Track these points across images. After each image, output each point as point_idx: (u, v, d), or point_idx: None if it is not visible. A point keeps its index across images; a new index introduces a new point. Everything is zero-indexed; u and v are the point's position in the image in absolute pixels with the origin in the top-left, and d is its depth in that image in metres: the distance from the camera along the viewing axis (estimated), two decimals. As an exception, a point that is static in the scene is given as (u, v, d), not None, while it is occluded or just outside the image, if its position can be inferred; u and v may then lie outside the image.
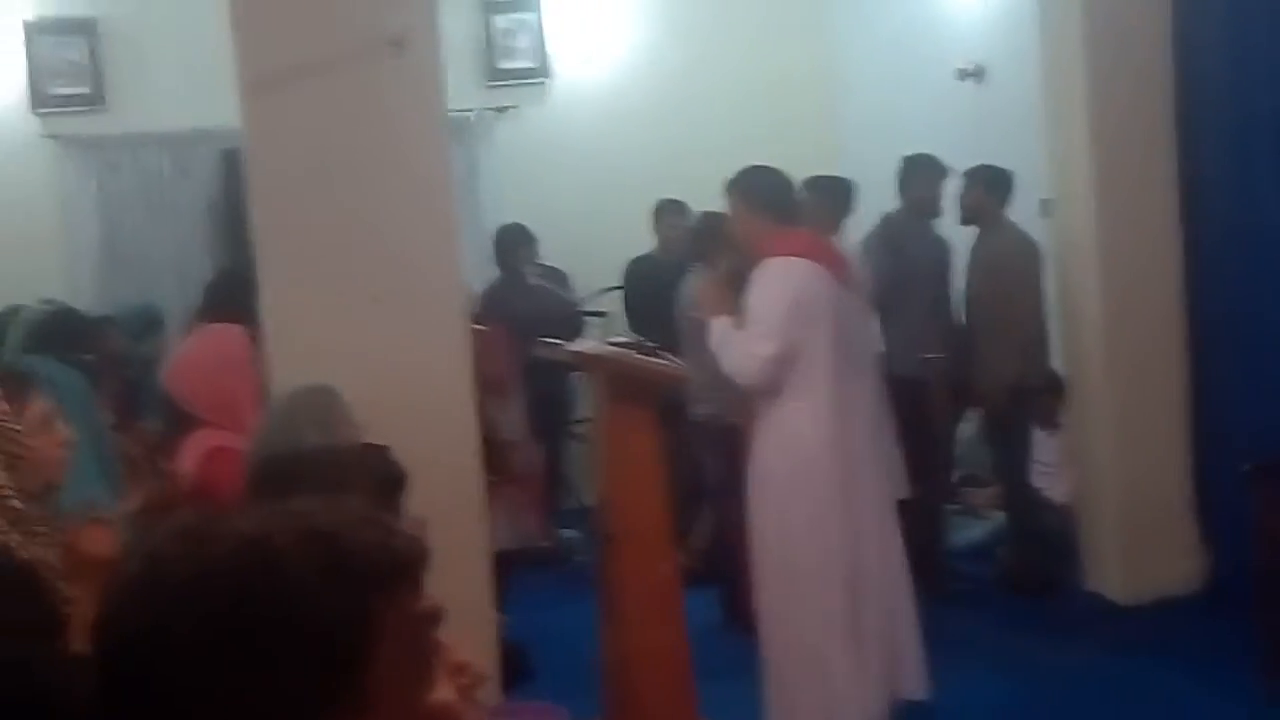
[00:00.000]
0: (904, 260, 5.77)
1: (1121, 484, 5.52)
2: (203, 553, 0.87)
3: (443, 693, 0.92)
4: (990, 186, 5.81)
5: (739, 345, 4.11)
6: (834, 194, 5.65)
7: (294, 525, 0.88)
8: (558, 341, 4.59)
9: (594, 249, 7.45)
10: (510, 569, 5.01)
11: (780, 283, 4.10)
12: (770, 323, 4.05)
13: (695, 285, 5.36)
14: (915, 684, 4.30)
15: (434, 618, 0.92)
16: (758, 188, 4.30)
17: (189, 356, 3.72)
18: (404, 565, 0.90)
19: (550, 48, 8.20)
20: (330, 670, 0.85)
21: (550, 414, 7.18)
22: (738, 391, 4.35)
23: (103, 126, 7.69)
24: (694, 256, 6.01)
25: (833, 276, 4.22)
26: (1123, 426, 5.51)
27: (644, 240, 7.25)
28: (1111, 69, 5.43)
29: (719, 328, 4.22)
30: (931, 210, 5.96)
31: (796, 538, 4.10)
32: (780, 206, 4.28)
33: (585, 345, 4.55)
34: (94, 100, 7.67)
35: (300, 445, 2.63)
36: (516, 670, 4.53)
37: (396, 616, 0.88)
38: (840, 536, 4.10)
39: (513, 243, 7.14)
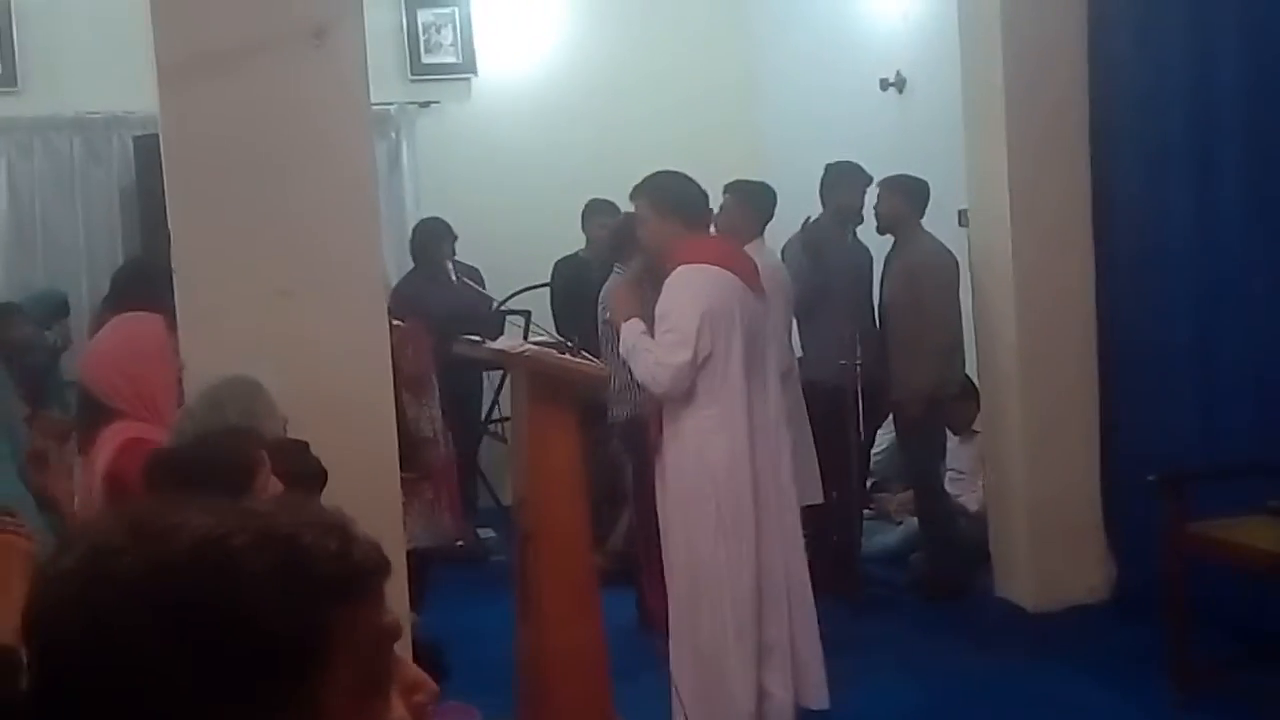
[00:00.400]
0: (824, 267, 5.81)
1: (1032, 493, 5.60)
2: (154, 548, 0.82)
3: (396, 712, 0.89)
4: (906, 196, 5.87)
5: (651, 353, 4.09)
6: (755, 198, 5.67)
7: (253, 526, 0.83)
8: (478, 339, 4.56)
9: (514, 247, 7.42)
10: (426, 568, 4.97)
11: (691, 290, 4.09)
12: (683, 330, 4.02)
13: (609, 288, 5.36)
14: (817, 694, 4.31)
15: (392, 633, 0.88)
16: (666, 192, 4.29)
17: (105, 346, 3.63)
18: (363, 576, 0.86)
19: (475, 44, 8.15)
20: (281, 679, 0.81)
21: (467, 412, 7.14)
22: (650, 396, 4.34)
23: (14, 109, 7.52)
24: (614, 257, 6.01)
25: (743, 283, 4.21)
26: (1034, 436, 5.59)
27: (564, 239, 7.22)
28: (1029, 83, 5.51)
29: (630, 333, 4.20)
30: (854, 218, 6.00)
31: (702, 545, 4.08)
32: (689, 212, 4.26)
33: (507, 344, 4.52)
34: (5, 82, 7.51)
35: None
36: (431, 670, 4.47)
37: (353, 628, 0.84)
38: (745, 545, 4.09)
39: (433, 238, 7.07)
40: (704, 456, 4.07)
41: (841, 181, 6.00)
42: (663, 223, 4.26)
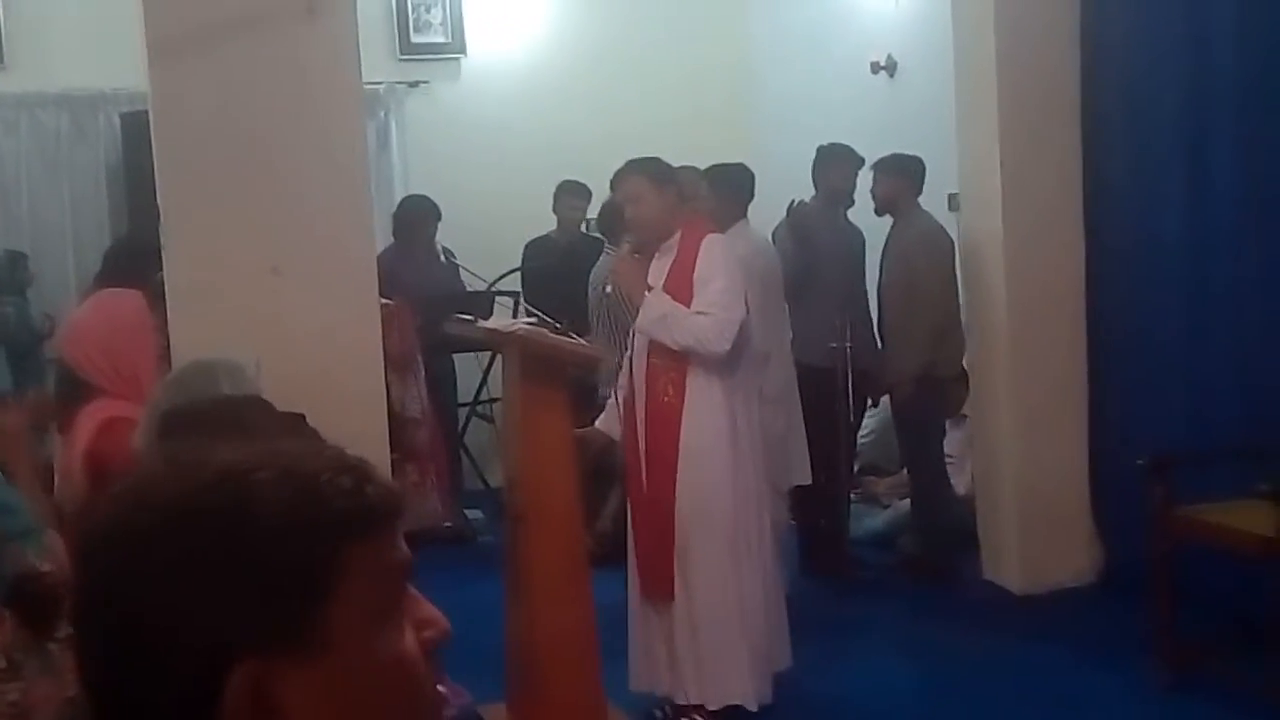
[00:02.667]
0: (813, 249, 5.79)
1: (1021, 476, 5.60)
2: (187, 475, 0.90)
3: (407, 644, 0.93)
4: (902, 175, 5.86)
5: (700, 316, 4.13)
6: (732, 182, 5.64)
7: (276, 462, 0.91)
8: (470, 318, 4.55)
9: (502, 228, 7.39)
10: (413, 549, 4.96)
11: (729, 255, 4.26)
12: (735, 290, 4.17)
13: (609, 265, 5.36)
14: (783, 654, 4.45)
15: (403, 568, 0.93)
16: (660, 167, 4.37)
17: (85, 323, 3.59)
18: (375, 515, 0.92)
19: (465, 24, 8.11)
20: (292, 602, 0.87)
21: (443, 393, 7.12)
22: (660, 365, 4.35)
23: (0, 85, 7.46)
24: (603, 236, 6.02)
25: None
26: (1023, 420, 5.59)
27: (553, 220, 7.21)
28: (1021, 67, 5.50)
29: (658, 303, 4.19)
30: (845, 199, 5.99)
31: (727, 493, 4.18)
32: (682, 185, 4.39)
33: (498, 323, 4.50)
34: (-9, 58, 7.45)
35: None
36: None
37: (363, 563, 0.90)
38: (750, 498, 4.25)
39: (419, 216, 7.00)
40: (729, 410, 4.20)
41: (833, 163, 5.99)
42: (661, 196, 4.30)
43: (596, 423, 4.54)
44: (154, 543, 0.88)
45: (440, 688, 0.98)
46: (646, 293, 4.23)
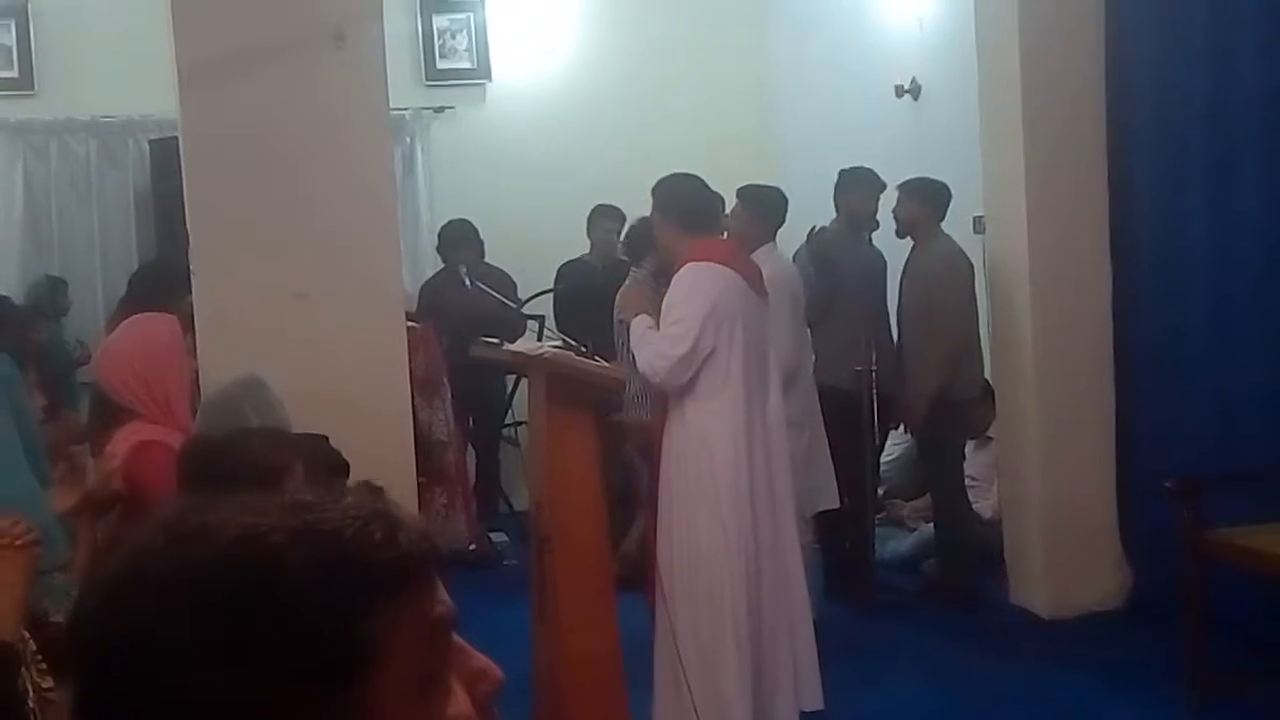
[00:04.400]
0: (835, 273, 5.80)
1: (1048, 499, 5.58)
2: (192, 548, 0.79)
3: (459, 705, 0.83)
4: (925, 199, 5.86)
5: (653, 345, 4.13)
6: (765, 204, 5.65)
7: (293, 521, 0.80)
8: (496, 341, 4.56)
9: (528, 252, 7.42)
10: (439, 573, 4.96)
11: (699, 286, 4.14)
12: (687, 323, 4.07)
13: (622, 290, 5.41)
14: (811, 696, 4.29)
15: (447, 622, 0.83)
16: (670, 197, 4.35)
17: (119, 347, 3.63)
18: (412, 565, 0.81)
19: (490, 49, 8.16)
20: (330, 682, 0.77)
21: (481, 415, 7.15)
22: (657, 394, 4.36)
23: (31, 112, 7.57)
24: (628, 259, 6.05)
25: (746, 284, 4.25)
26: (1050, 443, 5.57)
27: (578, 244, 7.25)
28: (1046, 89, 5.50)
29: (638, 327, 4.24)
30: (867, 223, 5.99)
31: (701, 535, 4.07)
32: (691, 215, 4.32)
33: (525, 346, 4.52)
34: (23, 85, 7.55)
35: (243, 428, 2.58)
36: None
37: (403, 622, 0.79)
38: (743, 539, 4.09)
39: (450, 240, 7.12)
40: (708, 446, 4.08)
41: (855, 187, 5.99)
42: (665, 225, 4.34)
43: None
44: (165, 627, 0.76)
45: None
46: (639, 317, 4.25)
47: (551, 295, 7.16)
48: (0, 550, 2.32)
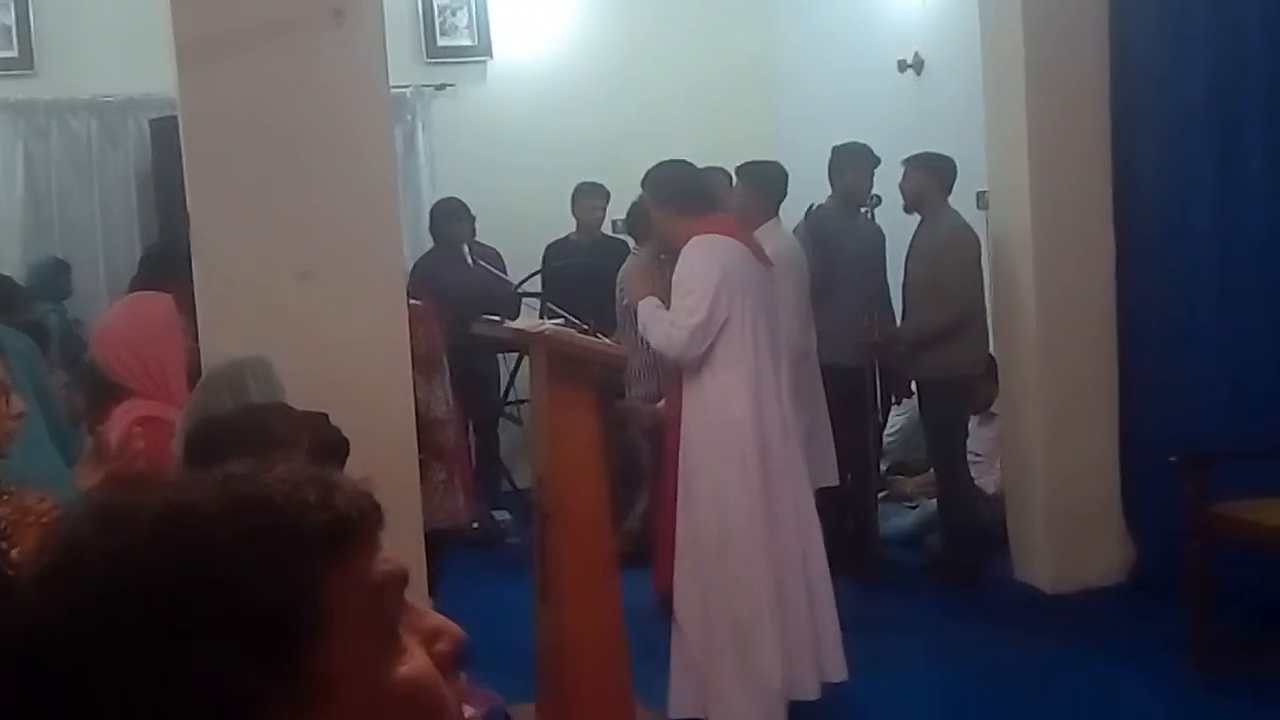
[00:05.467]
0: (834, 250, 5.79)
1: (1051, 474, 5.57)
2: (122, 532, 0.76)
3: (416, 664, 0.81)
4: (930, 173, 5.84)
5: (666, 320, 4.14)
6: (766, 179, 5.65)
7: (222, 492, 0.77)
8: (497, 318, 4.56)
9: (528, 230, 7.40)
10: (441, 550, 4.97)
11: (708, 257, 4.16)
12: (699, 294, 4.09)
13: (626, 270, 5.42)
14: (834, 667, 4.31)
15: (394, 580, 0.80)
16: (663, 182, 4.37)
17: (115, 325, 3.63)
18: (351, 526, 0.79)
19: (491, 27, 8.13)
20: (276, 650, 0.74)
21: (478, 394, 7.14)
22: (668, 368, 4.38)
23: (30, 91, 7.54)
24: (632, 237, 6.05)
25: (752, 254, 4.28)
26: (1053, 418, 5.56)
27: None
28: (1050, 64, 5.48)
29: (646, 308, 4.26)
30: (861, 199, 5.98)
31: (727, 505, 4.09)
32: (686, 197, 4.33)
33: (526, 323, 4.52)
34: (22, 65, 7.52)
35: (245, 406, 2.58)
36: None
37: (347, 584, 0.77)
38: (765, 507, 4.12)
39: (446, 218, 7.09)
40: (731, 416, 4.11)
41: (849, 163, 5.98)
42: (662, 212, 4.37)
43: (660, 405, 4.54)
44: (105, 624, 0.73)
45: (466, 707, 0.88)
46: (643, 299, 4.28)
47: (540, 274, 7.15)
48: (28, 528, 2.32)
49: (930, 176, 5.83)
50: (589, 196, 7.08)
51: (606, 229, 7.32)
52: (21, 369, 3.12)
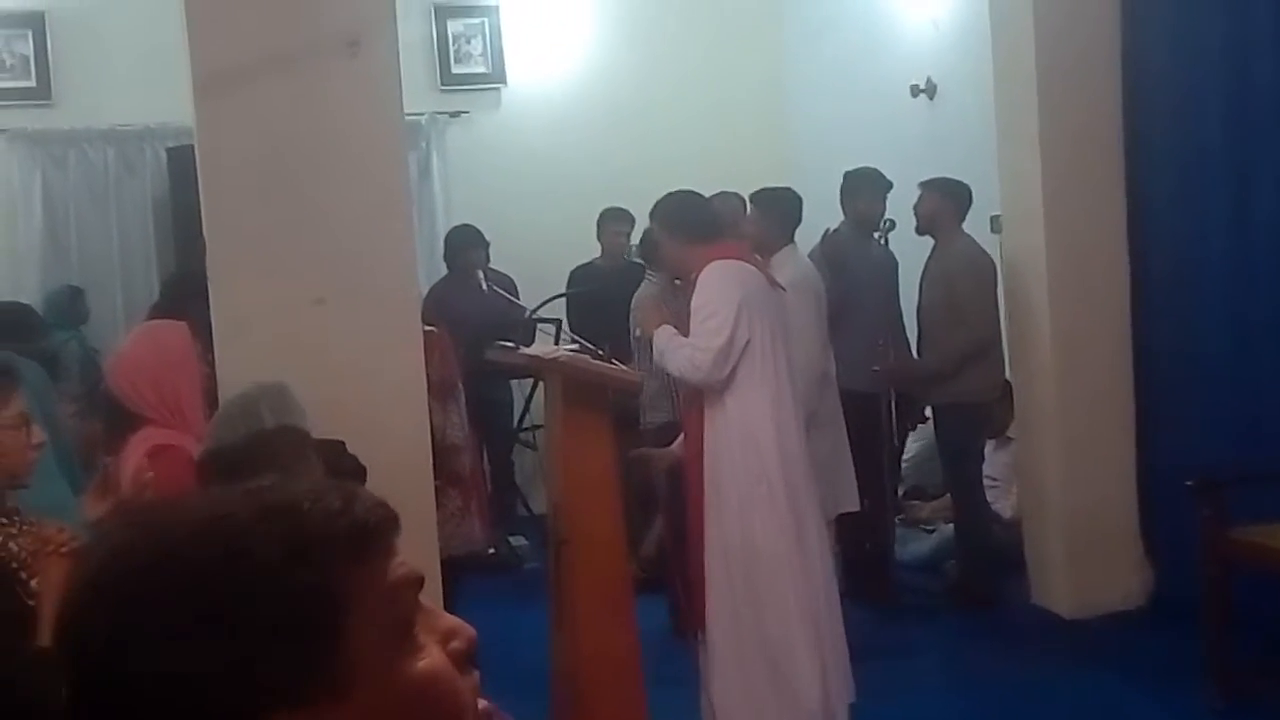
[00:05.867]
0: (847, 276, 5.79)
1: (1068, 499, 5.56)
2: (161, 539, 0.84)
3: (432, 659, 0.88)
4: (945, 197, 5.84)
5: (687, 346, 4.14)
6: (780, 206, 5.66)
7: (253, 501, 0.86)
8: (512, 345, 4.57)
9: (543, 256, 7.43)
10: (458, 576, 4.97)
11: (726, 280, 4.17)
12: (720, 316, 4.10)
13: (638, 298, 5.44)
14: (848, 686, 4.30)
15: (410, 583, 0.88)
16: (673, 212, 4.39)
17: (131, 354, 3.65)
18: (371, 531, 0.87)
19: (505, 54, 8.17)
20: (304, 648, 0.82)
21: (498, 419, 7.16)
22: (687, 395, 4.37)
23: (49, 121, 7.61)
24: (645, 264, 6.07)
25: (765, 278, 4.31)
26: (1070, 443, 5.55)
27: (593, 248, 7.25)
28: (1063, 88, 5.48)
29: (662, 337, 4.26)
30: (874, 224, 5.99)
31: (759, 527, 4.09)
32: (696, 226, 4.35)
33: (540, 349, 4.53)
34: (40, 95, 7.59)
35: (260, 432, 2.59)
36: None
37: (367, 585, 0.85)
38: (794, 526, 4.12)
39: (461, 244, 7.11)
40: (754, 438, 4.11)
41: (861, 188, 5.99)
42: (673, 242, 4.37)
43: (674, 446, 4.54)
44: (148, 614, 0.81)
45: (483, 701, 0.93)
46: (657, 329, 4.28)
47: (564, 300, 7.17)
48: (48, 556, 2.34)
49: (945, 200, 5.83)
50: (614, 222, 7.10)
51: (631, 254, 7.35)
52: (33, 398, 3.14)
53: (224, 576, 0.82)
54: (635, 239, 7.07)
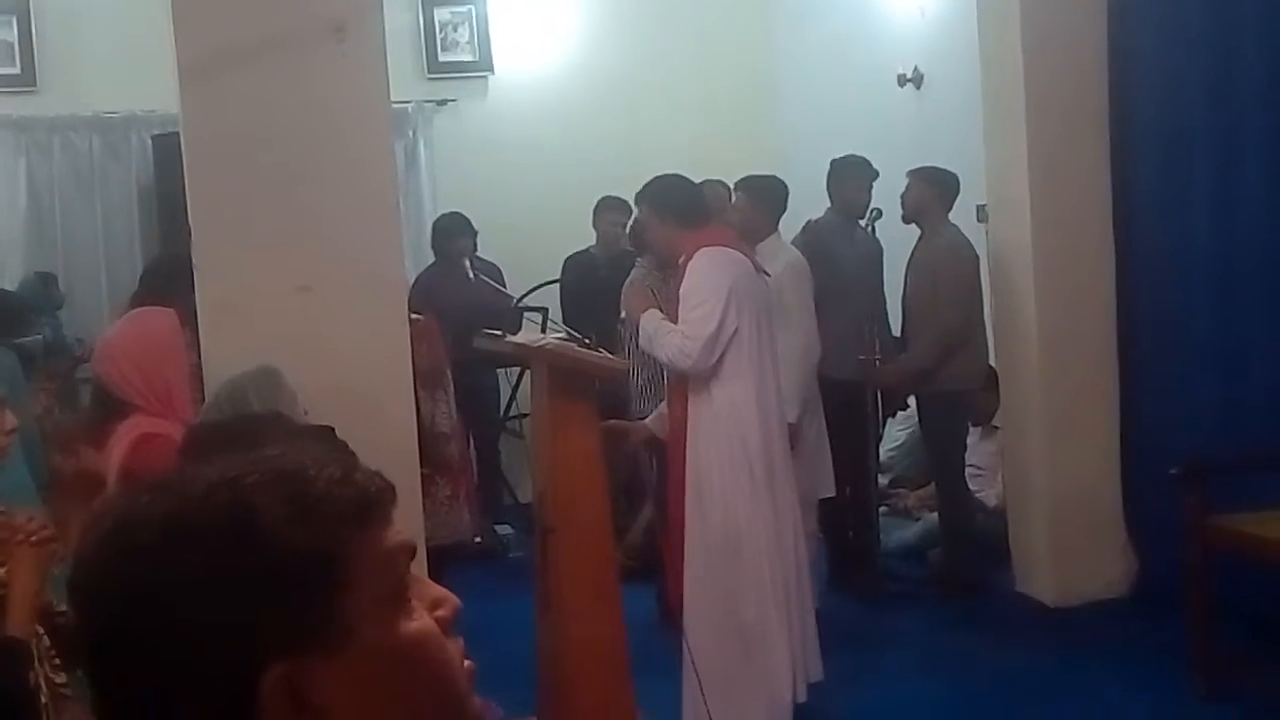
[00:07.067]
0: (830, 264, 5.80)
1: (1052, 487, 5.58)
2: (173, 498, 0.90)
3: (423, 621, 0.94)
4: (932, 186, 5.85)
5: (675, 332, 4.17)
6: (766, 193, 5.67)
7: (260, 466, 0.91)
8: (498, 333, 4.57)
9: (531, 244, 7.43)
10: (444, 565, 4.97)
11: (715, 268, 4.20)
12: (710, 304, 4.13)
13: (627, 284, 5.44)
14: (814, 666, 4.37)
15: (405, 549, 0.94)
16: (662, 195, 4.40)
17: (118, 341, 3.63)
18: (370, 500, 0.93)
19: (492, 42, 8.16)
20: (308, 597, 0.88)
21: (485, 408, 7.15)
22: (674, 381, 4.39)
23: (33, 108, 7.57)
24: (635, 250, 6.06)
25: (751, 265, 4.33)
26: (1054, 431, 5.57)
27: (581, 236, 7.24)
28: (1049, 77, 5.49)
29: (649, 322, 4.29)
30: (859, 212, 5.99)
31: (737, 512, 4.14)
32: (685, 210, 4.37)
33: (526, 338, 4.53)
34: (25, 82, 7.55)
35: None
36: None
37: (365, 549, 0.91)
38: (773, 513, 4.17)
39: (449, 232, 7.10)
40: (739, 425, 4.15)
41: (847, 176, 5.99)
42: (662, 226, 4.39)
43: (648, 420, 4.57)
44: (159, 567, 0.87)
45: (467, 661, 0.98)
46: (644, 314, 4.31)
47: (558, 287, 7.17)
48: (17, 546, 2.33)
49: (932, 189, 5.84)
50: (610, 211, 7.09)
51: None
52: (5, 384, 3.14)
53: (231, 534, 0.87)
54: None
